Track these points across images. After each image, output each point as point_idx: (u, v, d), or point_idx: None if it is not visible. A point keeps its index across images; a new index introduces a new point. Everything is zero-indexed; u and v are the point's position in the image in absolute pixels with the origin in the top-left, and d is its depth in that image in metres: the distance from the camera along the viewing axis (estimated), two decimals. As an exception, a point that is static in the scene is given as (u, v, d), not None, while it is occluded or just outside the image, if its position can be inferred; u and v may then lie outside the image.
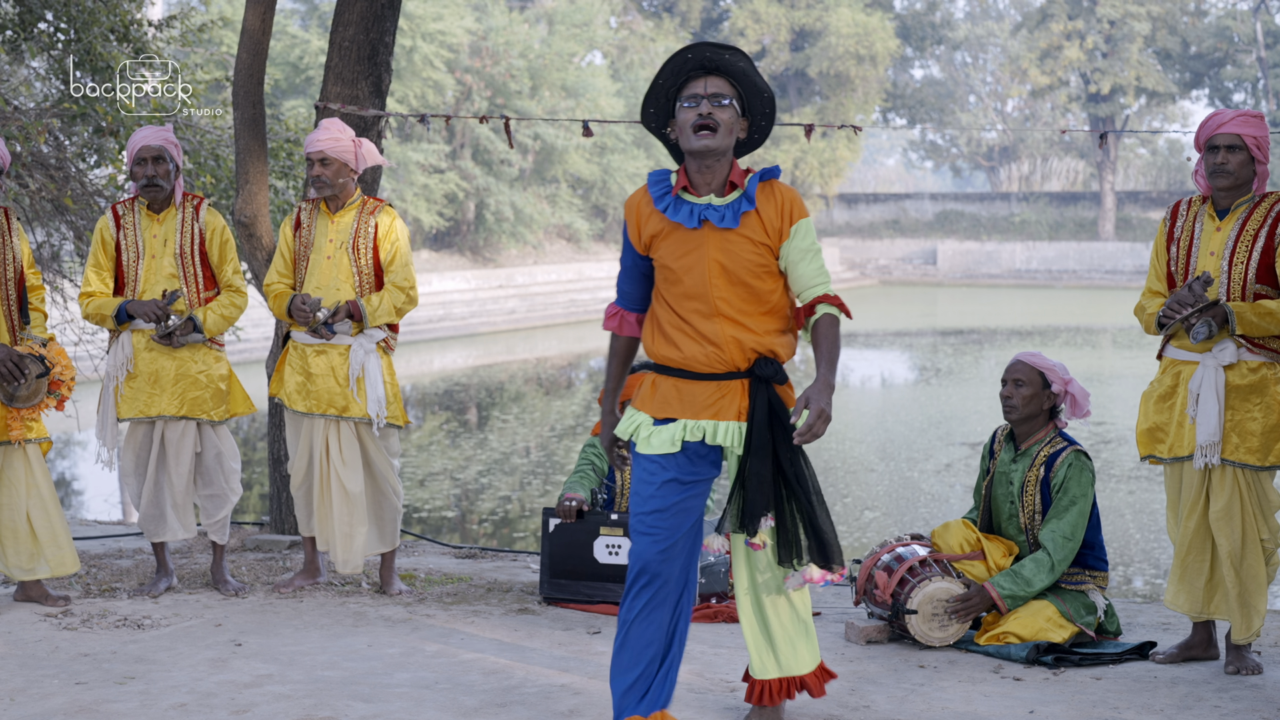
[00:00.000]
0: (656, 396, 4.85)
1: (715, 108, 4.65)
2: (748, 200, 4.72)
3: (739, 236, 4.72)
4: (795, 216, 4.75)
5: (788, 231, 4.75)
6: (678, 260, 4.75)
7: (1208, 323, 5.74)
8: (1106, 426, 19.66)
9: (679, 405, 4.81)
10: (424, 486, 16.13)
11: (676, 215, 4.74)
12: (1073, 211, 60.29)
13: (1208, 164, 5.90)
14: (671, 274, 4.77)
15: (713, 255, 4.72)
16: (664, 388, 4.84)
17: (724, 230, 4.72)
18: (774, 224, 4.74)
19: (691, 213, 4.73)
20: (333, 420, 7.09)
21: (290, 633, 6.39)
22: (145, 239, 7.04)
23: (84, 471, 17.56)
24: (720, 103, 4.66)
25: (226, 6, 33.37)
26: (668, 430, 4.80)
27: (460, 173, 43.67)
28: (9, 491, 6.69)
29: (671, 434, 4.79)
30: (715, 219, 4.71)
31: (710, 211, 4.72)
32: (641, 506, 4.81)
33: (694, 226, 4.72)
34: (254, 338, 23.79)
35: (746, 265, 4.73)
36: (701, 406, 4.78)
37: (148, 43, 11.35)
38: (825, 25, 57.97)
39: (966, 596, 6.13)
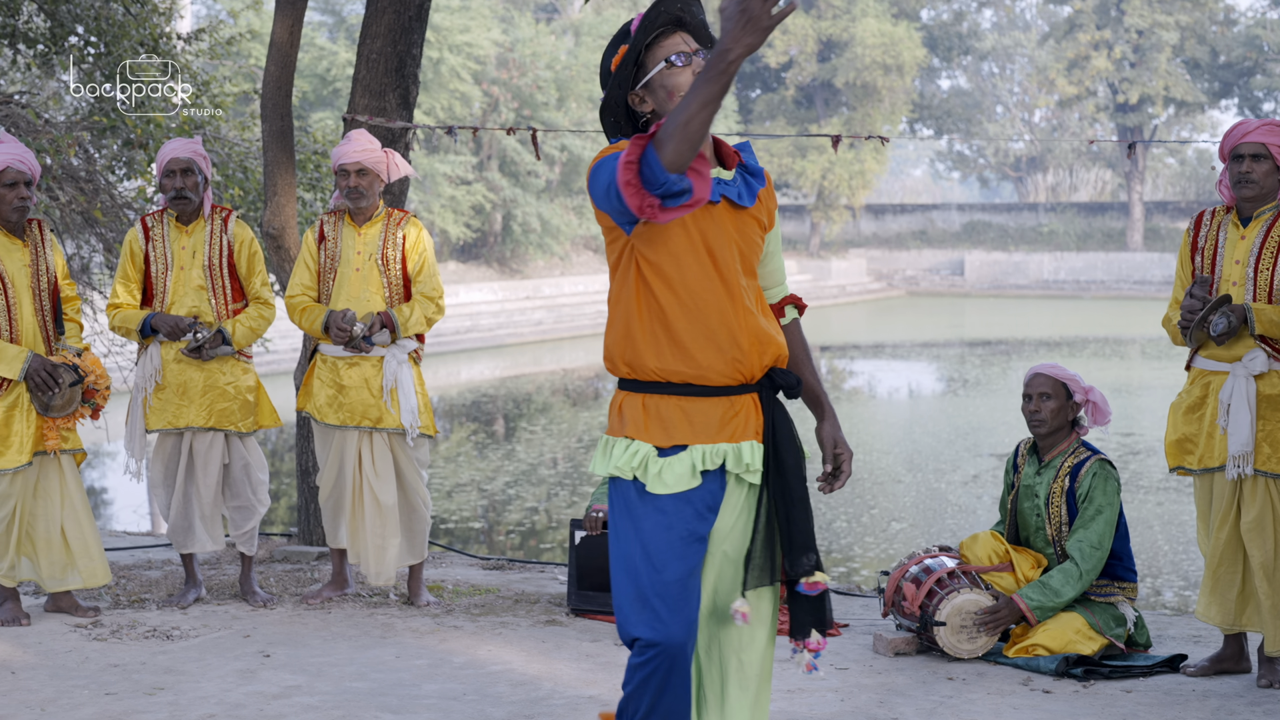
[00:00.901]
0: (654, 421, 3.83)
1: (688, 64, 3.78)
2: (754, 176, 3.89)
3: (750, 217, 3.88)
4: (774, 205, 3.99)
5: (773, 218, 3.98)
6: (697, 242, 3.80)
7: (1225, 315, 5.73)
8: (1135, 438, 19.58)
9: (687, 429, 3.81)
10: (451, 498, 16.14)
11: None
12: (1101, 222, 60.11)
13: (1232, 173, 5.89)
14: (681, 263, 3.79)
15: (732, 237, 3.83)
16: (665, 410, 3.82)
17: (739, 209, 3.86)
18: (768, 206, 3.95)
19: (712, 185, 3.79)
20: (365, 432, 7.11)
21: (318, 644, 6.40)
22: (174, 251, 7.07)
23: (113, 483, 17.62)
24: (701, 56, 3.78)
25: (255, 19, 33.48)
26: (681, 460, 3.79)
27: (487, 184, 43.76)
28: (44, 502, 6.72)
29: (690, 463, 3.79)
30: (734, 196, 3.83)
31: (727, 187, 3.83)
32: (662, 572, 3.75)
33: (715, 201, 3.80)
34: (282, 349, 23.84)
35: (755, 251, 3.90)
36: (715, 428, 3.81)
37: (177, 56, 11.41)
38: (852, 36, 57.93)
39: (995, 609, 6.10)
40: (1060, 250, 57.93)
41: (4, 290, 6.54)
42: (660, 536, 3.76)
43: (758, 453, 3.84)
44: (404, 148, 8.28)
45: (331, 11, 46.48)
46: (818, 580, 3.84)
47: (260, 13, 20.33)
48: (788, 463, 3.86)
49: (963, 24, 67.25)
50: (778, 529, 3.86)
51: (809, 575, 3.84)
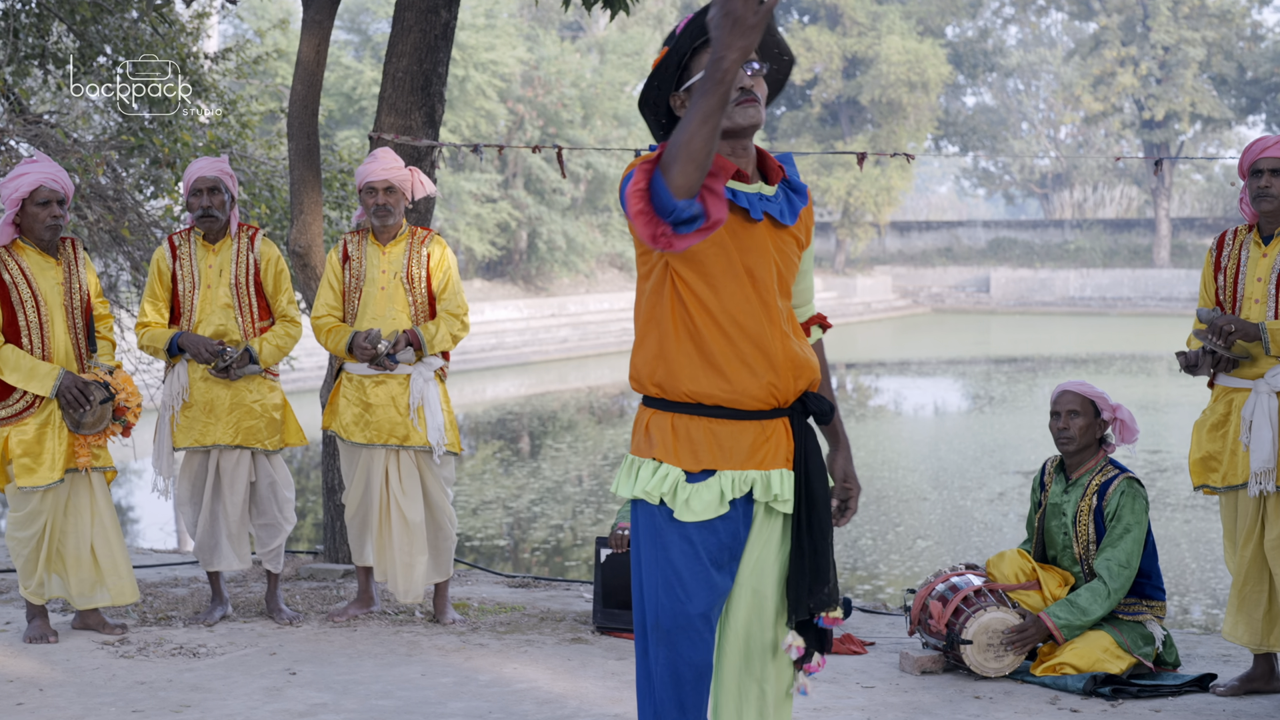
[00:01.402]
0: (684, 444, 3.70)
1: (753, 76, 3.61)
2: (796, 194, 3.75)
3: (790, 235, 3.74)
4: (811, 223, 3.85)
5: (811, 235, 3.83)
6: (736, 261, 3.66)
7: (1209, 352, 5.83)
8: (1162, 455, 19.49)
9: (717, 453, 3.68)
10: (477, 515, 16.15)
11: (739, 200, 3.65)
12: (1127, 238, 59.94)
13: (1252, 188, 5.88)
14: (717, 283, 3.65)
15: (772, 256, 3.69)
16: (694, 433, 3.69)
17: (780, 227, 3.72)
18: (806, 223, 3.80)
19: (749, 201, 3.65)
20: (392, 450, 7.12)
21: (344, 661, 6.40)
22: (201, 269, 7.10)
23: (140, 500, 17.67)
24: (754, 67, 3.60)
25: (281, 39, 33.63)
26: (710, 487, 3.67)
27: (513, 202, 43.85)
28: (74, 519, 6.74)
29: (718, 490, 3.67)
30: (776, 214, 3.68)
31: (769, 204, 3.67)
32: (687, 605, 3.67)
33: (757, 219, 3.65)
34: (308, 367, 23.90)
35: (793, 271, 3.76)
36: (745, 453, 3.69)
37: (204, 75, 11.46)
38: (877, 53, 57.94)
39: (1022, 627, 6.08)
40: (1086, 267, 57.78)
41: (37, 308, 6.58)
42: (687, 566, 3.66)
43: (788, 481, 3.73)
44: (429, 166, 8.30)
45: (358, 30, 46.65)
46: (836, 615, 3.77)
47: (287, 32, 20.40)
48: (818, 493, 3.74)
49: (988, 41, 67.20)
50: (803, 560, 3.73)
51: (830, 609, 3.76)
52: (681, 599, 3.66)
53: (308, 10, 8.37)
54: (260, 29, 18.46)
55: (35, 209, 6.56)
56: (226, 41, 40.61)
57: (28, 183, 6.53)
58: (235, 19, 42.94)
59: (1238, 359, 5.82)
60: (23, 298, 6.55)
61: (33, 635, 6.65)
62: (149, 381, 11.77)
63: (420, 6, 8.22)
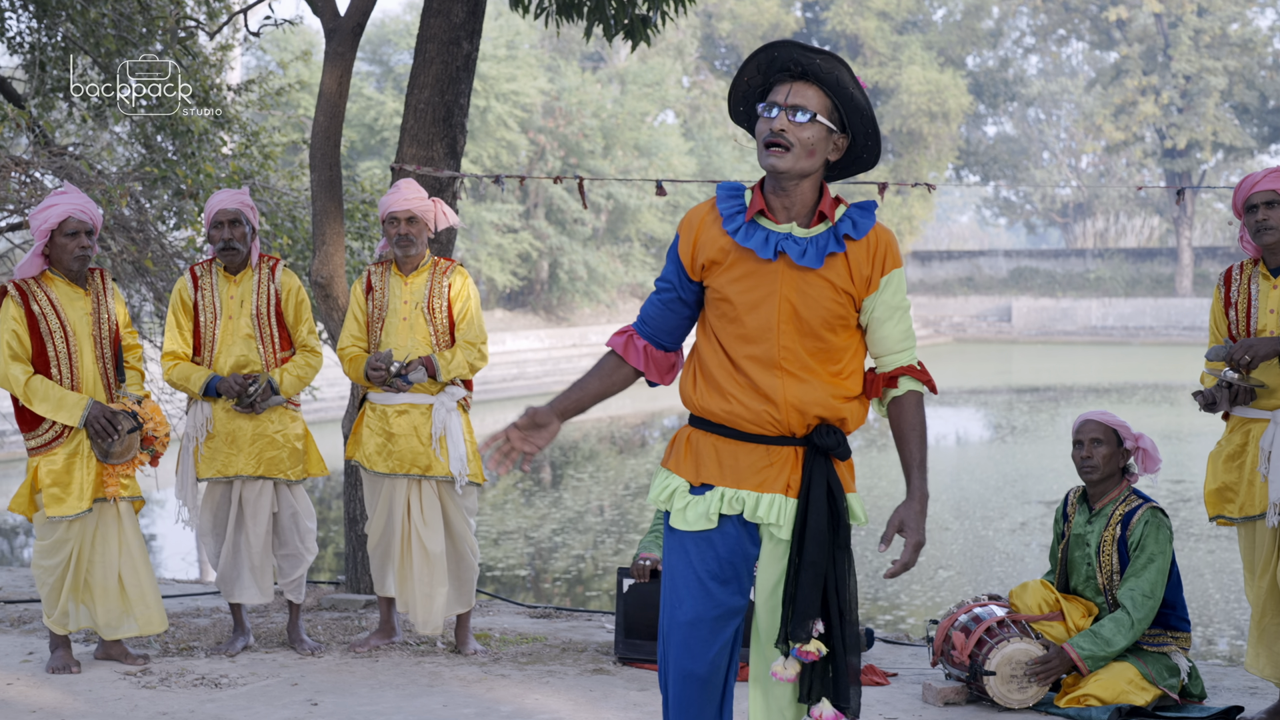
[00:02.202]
0: (692, 457, 4.01)
1: (791, 123, 3.84)
2: (835, 239, 3.92)
3: (819, 278, 3.91)
4: (888, 265, 3.95)
5: (877, 282, 3.94)
6: (742, 295, 3.92)
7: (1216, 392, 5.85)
8: (1185, 485, 19.41)
9: (717, 470, 3.96)
10: (498, 545, 16.14)
11: (749, 241, 3.90)
12: (1149, 267, 59.84)
13: (1250, 224, 5.90)
14: (731, 309, 3.93)
15: (786, 295, 3.91)
16: (702, 447, 3.99)
17: (803, 269, 3.91)
18: (863, 271, 3.94)
19: (767, 240, 3.91)
20: (414, 480, 7.12)
21: (366, 692, 6.40)
22: (222, 300, 7.12)
23: (162, 530, 17.70)
24: (798, 116, 3.84)
25: (304, 70, 33.80)
26: (703, 501, 3.95)
27: (534, 232, 43.96)
28: (102, 548, 6.76)
29: (708, 505, 3.94)
30: (795, 253, 3.89)
31: (789, 243, 3.90)
32: (677, 611, 3.95)
33: (768, 258, 3.89)
34: (329, 397, 23.93)
35: (823, 314, 3.92)
36: (745, 474, 3.94)
37: (227, 107, 11.53)
38: (898, 83, 58.05)
39: (1046, 658, 6.05)
40: (1108, 296, 57.68)
41: (65, 338, 6.61)
42: (680, 574, 3.94)
43: (783, 508, 3.91)
44: (451, 196, 8.33)
45: (379, 62, 46.88)
46: (810, 649, 3.86)
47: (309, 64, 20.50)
48: (810, 524, 3.87)
49: (1009, 71, 67.25)
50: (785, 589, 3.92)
51: (804, 643, 3.86)
52: (673, 605, 3.94)
53: (330, 42, 8.41)
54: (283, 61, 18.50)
55: (64, 240, 6.59)
56: (249, 73, 40.85)
57: (56, 214, 6.57)
58: (258, 51, 43.18)
59: (1255, 389, 5.79)
60: (51, 328, 6.59)
61: (56, 665, 6.66)
62: (172, 411, 11.81)
63: (442, 38, 8.26)
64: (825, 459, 3.92)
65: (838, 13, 60.05)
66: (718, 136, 54.17)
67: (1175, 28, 57.84)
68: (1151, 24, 58.81)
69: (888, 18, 60.72)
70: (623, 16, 9.04)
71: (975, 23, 63.31)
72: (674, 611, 3.94)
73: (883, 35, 59.94)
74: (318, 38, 41.04)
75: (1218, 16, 57.67)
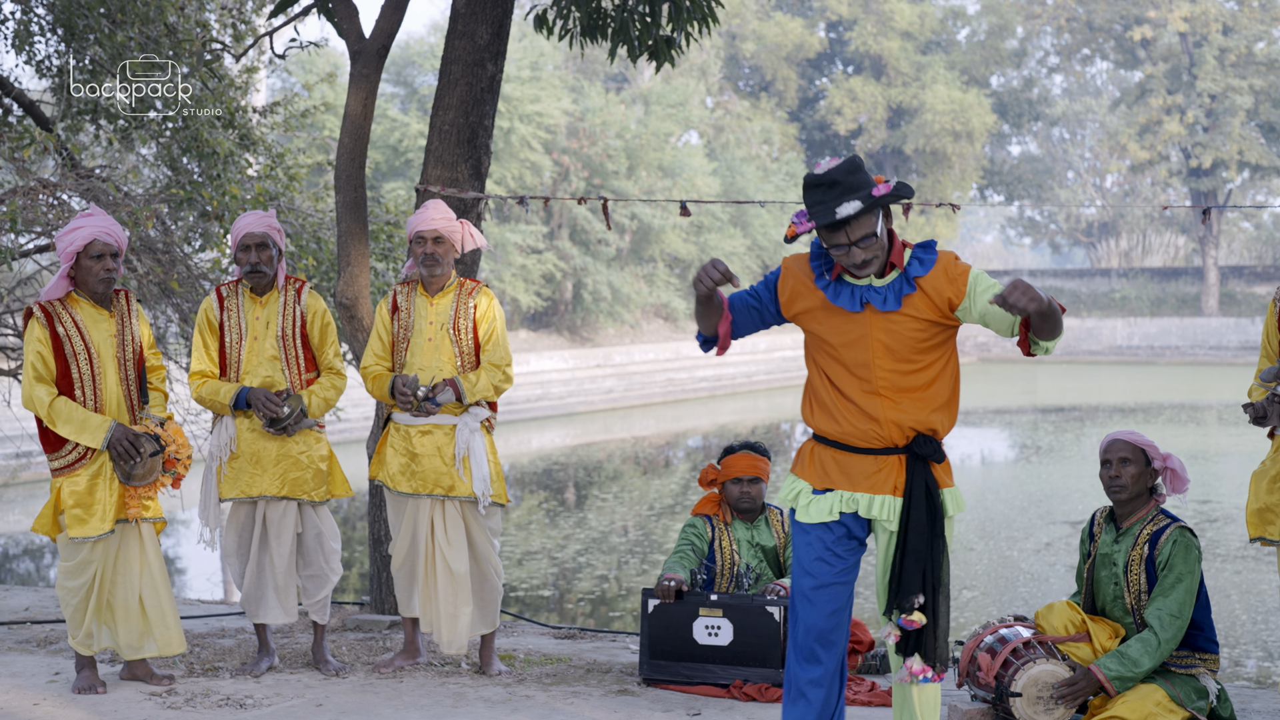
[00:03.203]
0: (815, 466, 4.98)
1: (861, 248, 4.72)
2: (908, 283, 4.79)
3: (901, 315, 4.80)
4: (962, 277, 4.79)
5: (963, 291, 4.78)
6: (840, 338, 4.84)
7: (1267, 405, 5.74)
8: (1212, 505, 19.32)
9: (837, 476, 4.93)
10: (522, 565, 16.14)
11: (838, 299, 4.81)
12: (1174, 287, 59.64)
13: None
14: (832, 349, 4.85)
15: (876, 336, 4.81)
16: (823, 458, 4.96)
17: (886, 312, 4.81)
18: (943, 294, 4.80)
19: (853, 295, 4.81)
20: (438, 500, 7.12)
21: (391, 713, 6.40)
22: (248, 321, 7.14)
23: (187, 551, 17.74)
24: (866, 242, 4.72)
25: (329, 92, 33.90)
26: (826, 500, 4.92)
27: (558, 253, 44.01)
28: (124, 570, 6.77)
29: (830, 504, 4.91)
30: (878, 302, 4.78)
31: (872, 294, 4.80)
32: (802, 580, 4.97)
33: (857, 310, 4.81)
34: (354, 418, 24.00)
35: (910, 342, 4.81)
36: (859, 479, 4.90)
37: (252, 129, 11.57)
38: (922, 103, 58.03)
39: (1073, 680, 6.01)
40: (1133, 316, 57.52)
41: (90, 360, 6.63)
42: (805, 553, 4.96)
43: (891, 506, 4.88)
44: (476, 217, 8.35)
45: (404, 83, 47.04)
46: (914, 619, 4.84)
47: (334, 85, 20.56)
48: (912, 519, 4.83)
49: (1033, 90, 67.18)
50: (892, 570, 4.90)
51: (908, 613, 4.85)
52: (800, 576, 4.97)
53: (355, 64, 8.45)
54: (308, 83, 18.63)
55: (89, 262, 6.62)
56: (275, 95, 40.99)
57: (82, 236, 6.60)
58: (284, 73, 43.36)
59: None
60: (76, 350, 6.61)
61: (81, 686, 6.68)
62: (196, 432, 11.85)
63: (466, 60, 8.29)
64: (924, 463, 4.85)
65: (861, 33, 60.08)
66: (741, 157, 54.20)
67: (1200, 47, 57.71)
68: (1176, 43, 58.69)
69: (911, 38, 60.72)
70: (647, 37, 9.06)
71: (999, 42, 63.28)
72: (800, 581, 4.95)
73: (906, 55, 59.92)
74: (343, 60, 41.22)
75: (1243, 35, 57.54)
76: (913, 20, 60.18)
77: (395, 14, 8.50)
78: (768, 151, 58.41)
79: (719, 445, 28.79)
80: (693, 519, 7.41)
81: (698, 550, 7.27)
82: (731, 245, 50.12)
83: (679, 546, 7.30)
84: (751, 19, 61.15)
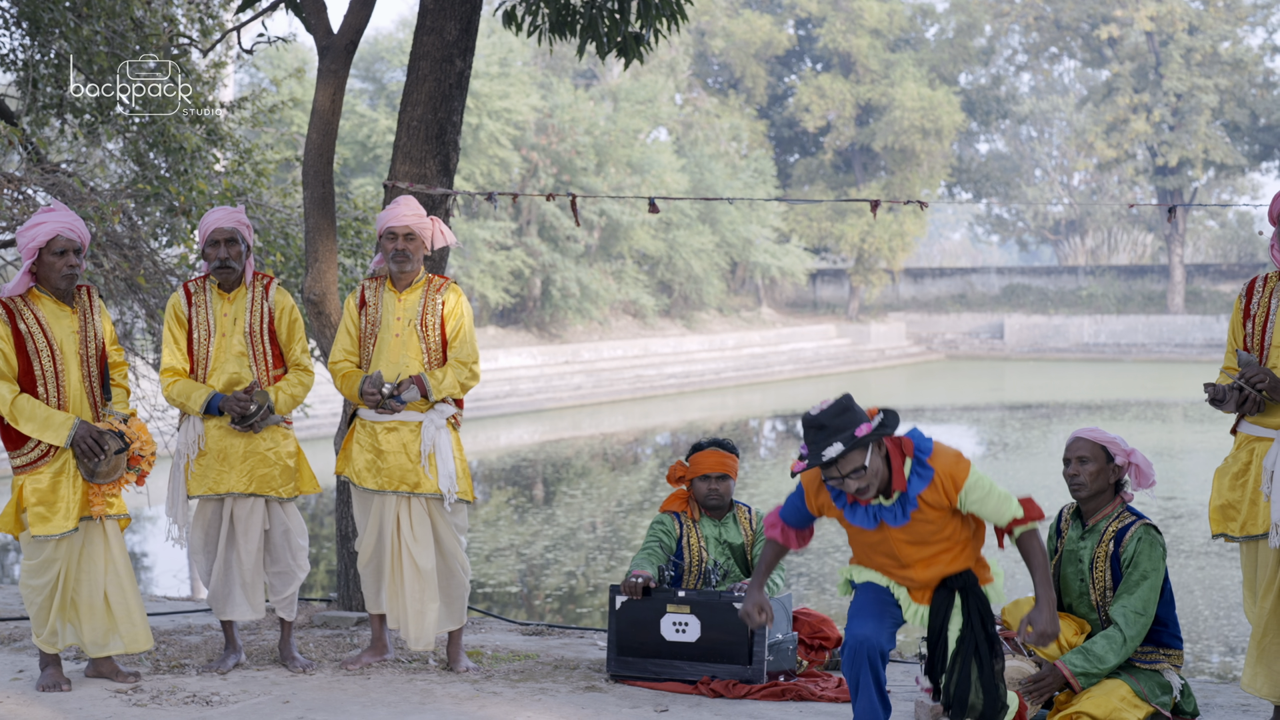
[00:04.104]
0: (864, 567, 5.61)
1: (853, 479, 5.21)
2: (911, 502, 5.31)
3: (915, 520, 5.33)
4: (956, 486, 5.29)
5: (956, 499, 5.31)
6: (863, 538, 5.45)
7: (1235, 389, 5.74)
8: (1177, 502, 19.42)
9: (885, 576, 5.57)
10: (490, 562, 16.13)
11: (854, 519, 5.39)
12: (1141, 285, 59.93)
13: (1280, 239, 5.82)
14: (858, 540, 5.49)
15: (897, 537, 5.37)
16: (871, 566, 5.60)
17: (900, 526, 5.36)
18: (941, 503, 5.31)
19: (868, 514, 5.37)
20: (404, 497, 7.11)
21: (358, 710, 6.38)
22: (216, 317, 7.11)
23: (153, 548, 17.68)
24: (856, 474, 5.21)
25: (297, 88, 33.81)
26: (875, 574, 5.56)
27: (526, 249, 43.96)
28: (88, 567, 6.74)
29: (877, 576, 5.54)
30: (890, 520, 5.34)
31: (884, 513, 5.35)
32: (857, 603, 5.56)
33: (873, 527, 5.37)
34: (321, 414, 23.93)
35: (927, 534, 5.35)
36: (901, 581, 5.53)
37: (220, 124, 11.52)
38: (890, 100, 58.13)
39: (1039, 676, 6.03)
40: (1100, 313, 57.77)
41: (52, 357, 6.59)
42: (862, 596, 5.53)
43: (919, 612, 5.47)
44: (444, 214, 8.33)
45: (372, 79, 46.90)
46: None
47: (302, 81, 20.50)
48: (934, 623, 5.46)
49: (1001, 88, 67.38)
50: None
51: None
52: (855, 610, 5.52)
53: (323, 60, 8.42)
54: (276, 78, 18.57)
55: (52, 258, 6.58)
56: (242, 90, 40.86)
57: (45, 232, 6.55)
58: (251, 68, 43.21)
59: (1264, 402, 5.77)
60: (38, 347, 6.57)
61: (46, 684, 6.65)
62: (163, 429, 11.80)
63: (435, 56, 8.27)
64: (953, 592, 5.42)
65: (830, 30, 60.14)
66: (710, 154, 54.22)
67: (1166, 46, 57.98)
68: (1143, 42, 58.95)
69: (880, 35, 60.80)
70: (615, 34, 9.05)
71: (967, 40, 63.43)
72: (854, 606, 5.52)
73: (875, 53, 59.99)
74: (311, 55, 41.08)
75: (1209, 35, 57.83)
76: (881, 18, 60.26)
77: (363, 9, 8.48)
78: (736, 148, 58.42)
79: (687, 442, 28.82)
80: (661, 516, 7.41)
81: (665, 547, 7.28)
82: (700, 241, 50.15)
83: (647, 543, 7.30)
84: (720, 16, 61.15)
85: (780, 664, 6.91)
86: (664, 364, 44.74)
